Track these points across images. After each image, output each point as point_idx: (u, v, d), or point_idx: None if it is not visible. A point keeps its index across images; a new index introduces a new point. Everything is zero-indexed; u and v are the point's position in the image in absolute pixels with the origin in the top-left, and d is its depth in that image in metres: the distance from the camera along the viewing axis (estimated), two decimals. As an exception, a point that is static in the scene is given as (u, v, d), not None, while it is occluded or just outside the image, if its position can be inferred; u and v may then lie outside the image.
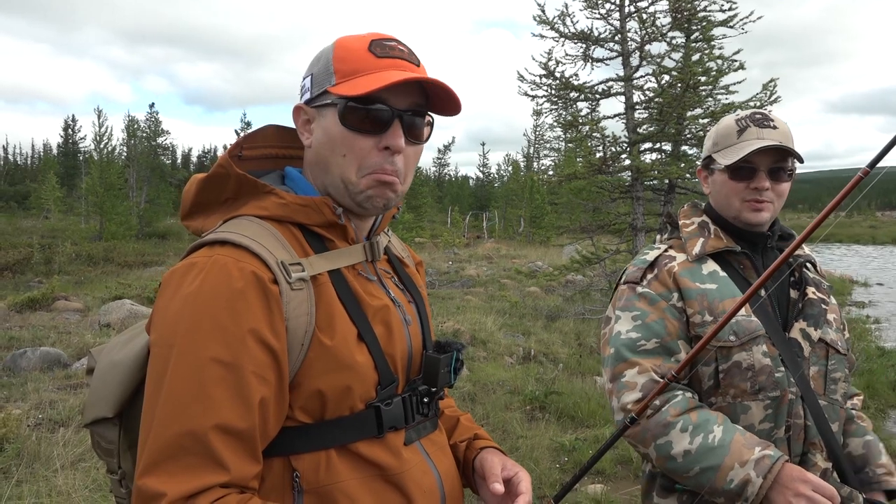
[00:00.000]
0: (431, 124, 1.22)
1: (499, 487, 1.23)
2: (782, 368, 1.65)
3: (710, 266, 1.76)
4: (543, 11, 11.78)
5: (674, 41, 11.45)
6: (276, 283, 1.06)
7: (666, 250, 1.83)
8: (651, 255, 1.82)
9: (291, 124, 1.27)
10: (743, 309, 1.64)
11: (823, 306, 1.76)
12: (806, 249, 1.86)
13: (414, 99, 1.17)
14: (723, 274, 1.74)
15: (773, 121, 1.74)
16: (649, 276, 1.78)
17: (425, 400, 1.25)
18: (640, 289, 1.77)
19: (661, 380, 1.63)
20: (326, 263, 1.15)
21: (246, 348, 1.02)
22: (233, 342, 1.01)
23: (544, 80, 12.01)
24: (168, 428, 0.98)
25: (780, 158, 1.71)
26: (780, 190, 1.74)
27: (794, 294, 1.77)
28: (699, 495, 1.63)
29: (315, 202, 1.16)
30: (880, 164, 1.46)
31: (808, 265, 1.84)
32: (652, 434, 1.62)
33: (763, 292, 1.71)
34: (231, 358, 1.01)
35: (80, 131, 62.19)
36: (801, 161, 1.75)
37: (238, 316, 1.02)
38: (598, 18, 11.83)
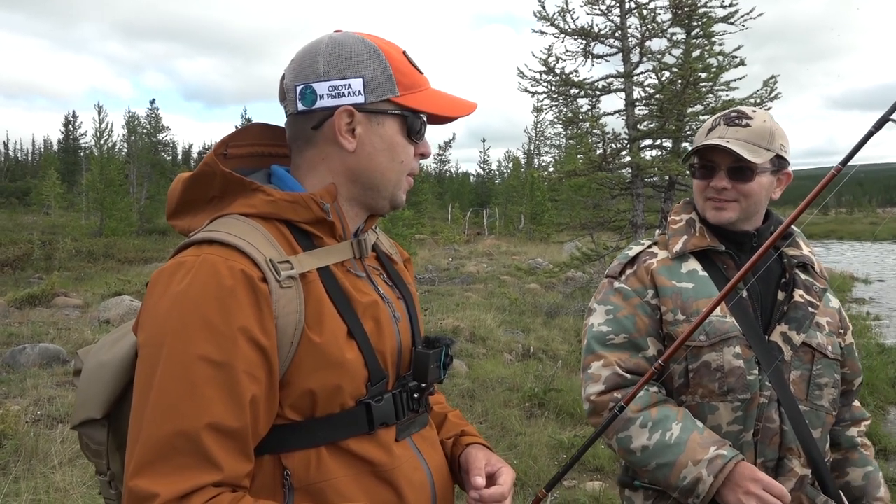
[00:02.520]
0: None
1: (479, 481, 1.23)
2: (755, 371, 1.64)
3: (691, 265, 1.75)
4: (544, 7, 11.75)
5: (674, 37, 11.44)
6: (265, 281, 1.05)
7: (650, 246, 1.83)
8: (633, 251, 1.84)
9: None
10: (718, 309, 1.63)
11: (811, 310, 1.72)
12: (805, 250, 1.81)
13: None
14: (703, 273, 1.73)
15: (749, 118, 1.70)
16: (628, 272, 1.79)
17: (415, 396, 1.24)
18: (617, 283, 1.79)
19: (626, 374, 1.67)
20: (315, 261, 1.14)
21: (237, 347, 1.01)
22: (223, 341, 1.00)
23: (544, 76, 12.00)
24: (159, 428, 0.97)
25: (740, 158, 1.66)
26: (743, 189, 1.69)
27: (780, 296, 1.74)
28: (660, 491, 1.67)
29: (303, 198, 1.15)
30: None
31: (806, 266, 1.80)
32: (613, 428, 1.65)
33: (745, 293, 1.70)
34: (222, 357, 1.00)
35: (80, 127, 62.12)
36: (757, 162, 1.65)
37: (228, 314, 1.01)
38: (598, 14, 11.81)
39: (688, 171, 1.86)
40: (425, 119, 1.24)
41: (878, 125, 1.40)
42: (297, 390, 1.09)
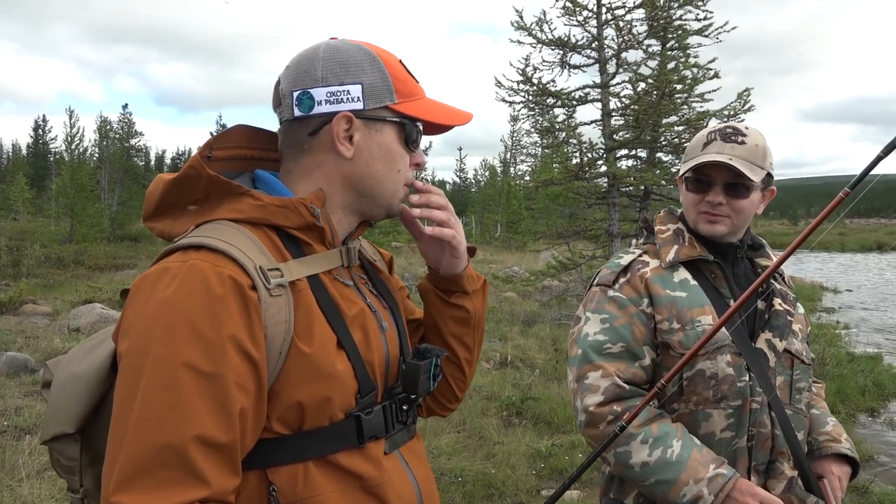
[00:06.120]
0: None
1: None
2: (745, 378, 1.67)
3: (682, 274, 1.77)
4: (521, 17, 11.82)
5: (650, 49, 11.57)
6: (254, 289, 1.02)
7: (640, 255, 1.83)
8: (625, 260, 1.83)
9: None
10: (711, 318, 1.69)
11: (789, 318, 1.79)
12: (775, 260, 1.87)
13: None
14: (693, 282, 1.76)
15: (744, 135, 1.73)
16: (622, 280, 1.79)
17: (404, 408, 1.22)
18: (611, 292, 1.78)
19: (624, 385, 1.68)
20: (305, 269, 1.11)
21: (226, 356, 0.97)
22: (212, 350, 0.97)
23: (522, 85, 12.04)
24: (143, 441, 0.93)
25: (737, 175, 1.70)
26: (736, 206, 1.73)
27: (761, 305, 1.79)
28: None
29: (293, 203, 1.12)
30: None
31: (777, 276, 1.87)
32: (613, 442, 1.64)
33: (732, 302, 1.73)
34: (210, 367, 0.96)
35: (50, 131, 61.19)
36: (754, 180, 1.71)
37: (217, 322, 0.97)
38: (575, 25, 11.89)
39: (672, 184, 1.87)
40: (421, 128, 1.22)
41: (887, 150, 1.41)
42: (285, 402, 1.06)
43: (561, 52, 11.92)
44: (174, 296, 0.98)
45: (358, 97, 1.14)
